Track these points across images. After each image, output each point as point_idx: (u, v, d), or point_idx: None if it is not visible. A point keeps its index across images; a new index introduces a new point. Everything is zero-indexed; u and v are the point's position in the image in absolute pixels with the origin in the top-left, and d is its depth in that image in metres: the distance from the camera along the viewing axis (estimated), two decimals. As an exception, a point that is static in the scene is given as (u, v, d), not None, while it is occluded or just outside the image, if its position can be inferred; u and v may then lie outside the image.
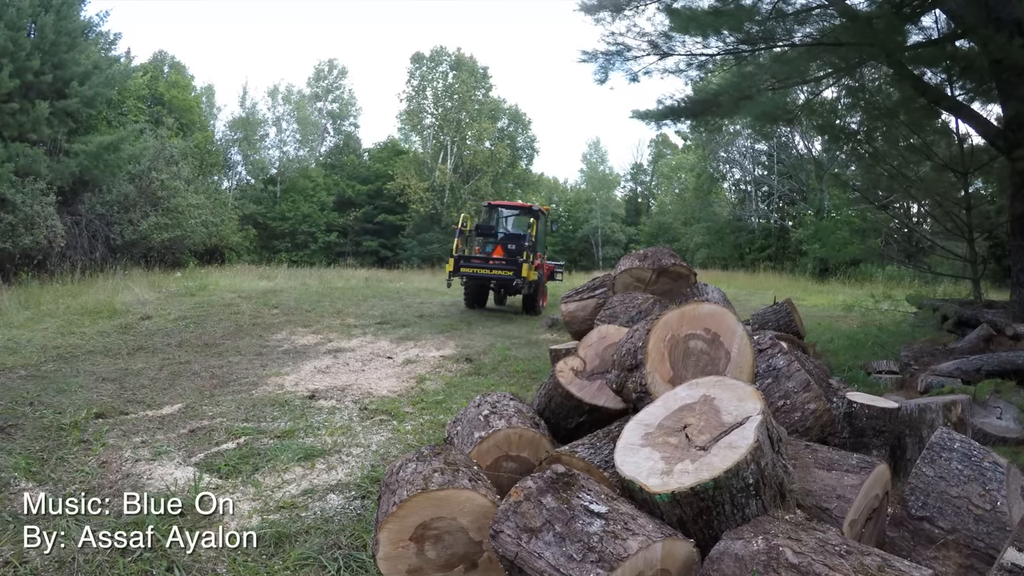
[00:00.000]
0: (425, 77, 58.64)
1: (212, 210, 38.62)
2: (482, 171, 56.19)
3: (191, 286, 21.43)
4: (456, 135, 56.78)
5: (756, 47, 12.69)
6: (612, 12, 13.72)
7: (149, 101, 44.97)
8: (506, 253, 18.89)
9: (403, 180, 54.57)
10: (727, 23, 12.04)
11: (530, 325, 16.73)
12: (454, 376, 10.55)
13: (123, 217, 31.01)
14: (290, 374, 10.42)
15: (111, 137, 29.30)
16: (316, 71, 63.11)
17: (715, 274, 36.95)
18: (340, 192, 56.08)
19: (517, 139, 62.96)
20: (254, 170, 54.11)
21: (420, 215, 54.32)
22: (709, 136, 48.01)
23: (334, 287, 24.68)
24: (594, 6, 13.82)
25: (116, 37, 32.35)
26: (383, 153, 60.53)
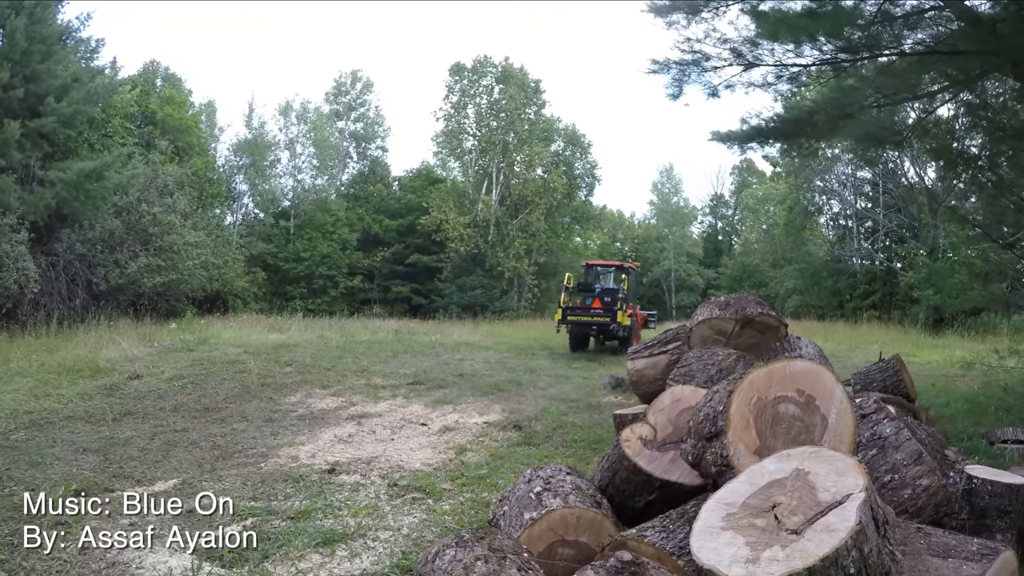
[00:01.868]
0: (466, 92, 59.15)
1: (213, 250, 38.78)
2: (533, 203, 56.26)
3: (189, 340, 21.58)
4: (503, 160, 56.97)
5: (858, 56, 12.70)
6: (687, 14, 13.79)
7: (139, 120, 45.30)
8: (603, 304, 25.99)
9: (440, 214, 54.58)
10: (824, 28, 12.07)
11: (590, 386, 16.71)
12: (500, 446, 10.55)
13: (108, 258, 31.04)
14: (306, 444, 10.48)
15: (94, 163, 29.12)
16: (336, 85, 63.73)
17: (810, 325, 36.58)
18: (365, 228, 56.28)
19: (575, 165, 63.00)
20: (263, 202, 54.41)
21: (460, 256, 54.37)
22: (802, 162, 47.70)
23: (358, 341, 24.75)
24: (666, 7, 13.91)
25: (99, 44, 32.77)
26: (416, 182, 60.75)
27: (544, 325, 41.80)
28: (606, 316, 25.41)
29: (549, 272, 58.96)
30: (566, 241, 64.14)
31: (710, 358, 8.31)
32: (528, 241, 55.81)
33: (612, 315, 25.29)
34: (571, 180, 61.46)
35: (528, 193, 56.54)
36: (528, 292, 56.00)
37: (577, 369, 20.04)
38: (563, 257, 61.37)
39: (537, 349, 26.49)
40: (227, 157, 53.86)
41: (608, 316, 25.36)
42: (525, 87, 58.63)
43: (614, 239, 78.87)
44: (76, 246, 29.80)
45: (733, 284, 61.54)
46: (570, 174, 61.57)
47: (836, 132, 13.57)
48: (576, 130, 64.13)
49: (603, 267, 29.99)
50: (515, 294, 55.30)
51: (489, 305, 52.00)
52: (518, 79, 58.49)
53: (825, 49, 12.68)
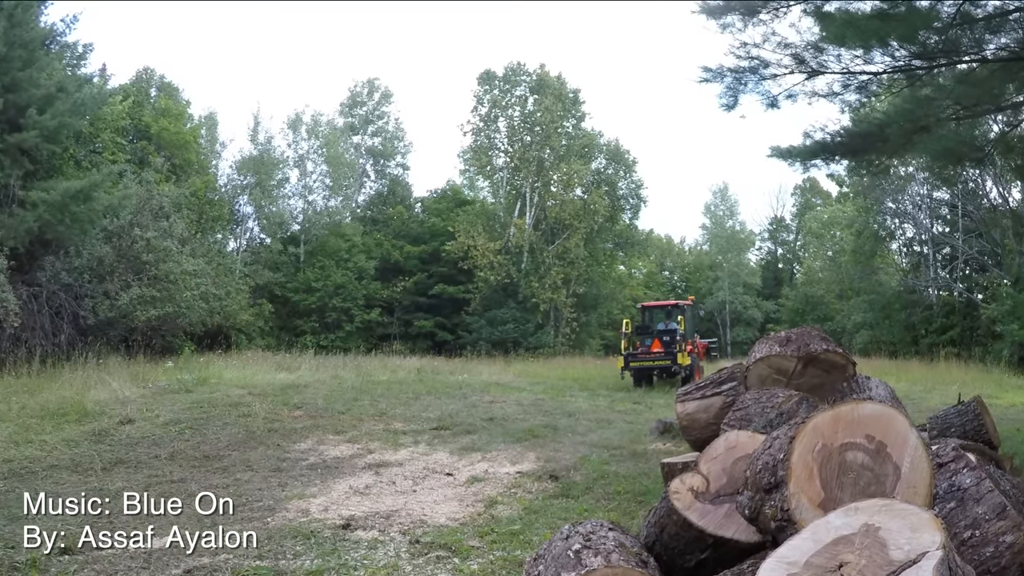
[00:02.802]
0: (497, 103, 59.58)
1: (214, 279, 39.03)
2: (572, 227, 56.40)
3: (187, 380, 21.62)
4: (537, 180, 57.21)
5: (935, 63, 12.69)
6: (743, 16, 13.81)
7: (131, 135, 45.53)
8: (662, 345, 30.58)
9: (467, 239, 54.79)
10: (897, 31, 12.06)
11: (635, 431, 16.68)
12: (534, 499, 10.54)
13: (96, 288, 31.16)
14: (317, 496, 10.50)
15: (80, 182, 29.05)
16: (351, 95, 64.08)
17: (880, 363, 36.36)
18: (384, 255, 56.52)
19: (618, 185, 63.21)
20: (270, 226, 54.71)
21: (490, 286, 54.60)
22: (872, 181, 47.40)
23: (376, 381, 24.79)
24: (719, 7, 13.95)
25: (87, 50, 33.33)
26: (441, 204, 60.95)
27: (583, 363, 41.75)
28: (666, 359, 29.92)
29: (589, 304, 58.94)
30: (608, 269, 64.16)
31: (769, 400, 8.27)
32: (566, 270, 55.83)
33: (672, 357, 29.67)
34: (614, 201, 61.72)
35: (566, 216, 56.75)
36: (566, 326, 56.19)
37: (620, 413, 20.02)
38: (605, 287, 61.38)
39: (576, 390, 26.48)
40: (230, 176, 54.58)
41: (668, 359, 29.85)
42: (563, 97, 58.99)
43: (662, 267, 78.85)
44: (61, 275, 29.84)
45: (795, 317, 61.33)
46: (613, 195, 61.82)
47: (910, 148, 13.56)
48: (619, 146, 64.50)
49: (660, 308, 34.90)
50: (551, 329, 55.41)
51: (522, 341, 52.08)
52: (555, 89, 58.70)
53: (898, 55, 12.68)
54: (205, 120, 54.41)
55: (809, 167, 15.69)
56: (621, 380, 30.89)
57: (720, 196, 78.21)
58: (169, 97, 50.13)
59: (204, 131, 53.50)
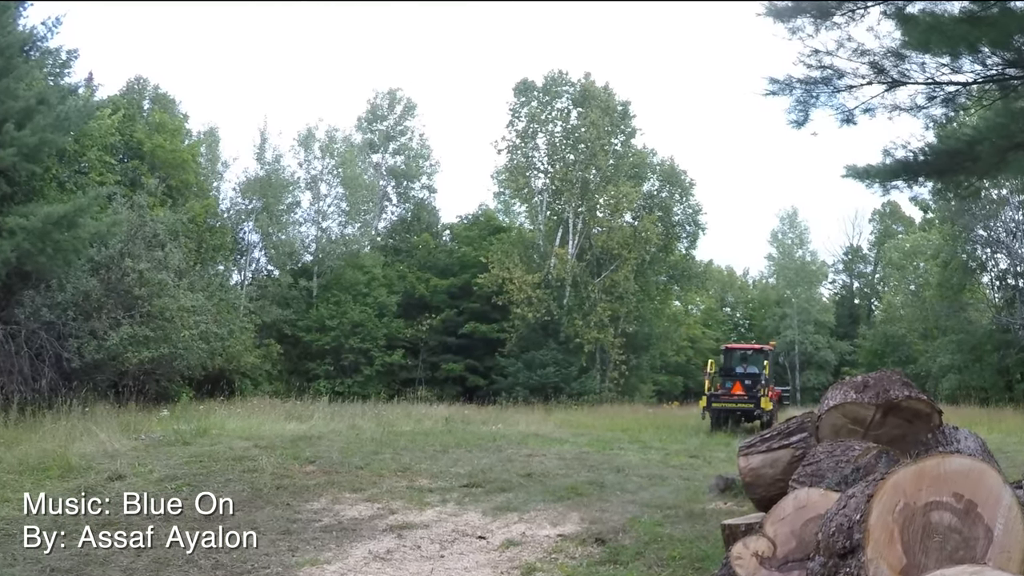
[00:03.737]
0: (536, 117, 59.62)
1: (216, 316, 39.18)
2: (620, 258, 56.44)
3: (185, 430, 21.69)
4: (582, 204, 57.31)
5: (1032, 71, 12.63)
6: (815, 18, 13.81)
7: (121, 153, 45.70)
8: (744, 389, 34.32)
9: (502, 271, 54.70)
10: (988, 36, 12.02)
11: (692, 488, 16.62)
12: (578, 565, 10.52)
13: (82, 327, 31.18)
14: (332, 562, 10.50)
15: (64, 207, 28.66)
16: (370, 108, 64.24)
17: (970, 412, 36.14)
18: (408, 289, 56.77)
19: (673, 210, 63.21)
20: (278, 256, 54.88)
21: (528, 324, 54.46)
22: (961, 205, 47.04)
23: (399, 432, 24.87)
24: (788, 9, 13.95)
25: (72, 57, 33.48)
26: (472, 231, 61.03)
27: (633, 412, 41.68)
28: (750, 402, 33.53)
29: (640, 345, 58.81)
30: (662, 305, 64.12)
31: (844, 454, 8.27)
32: (613, 306, 55.78)
33: (756, 401, 33.32)
34: (668, 228, 61.79)
35: (614, 245, 56.73)
36: (614, 370, 56.21)
37: (676, 467, 19.97)
38: (658, 326, 61.30)
39: (625, 442, 26.39)
40: (233, 199, 54.86)
41: (752, 402, 33.45)
42: (610, 111, 58.95)
43: (722, 303, 78.75)
44: (42, 312, 29.86)
45: (873, 360, 61.01)
46: (667, 221, 61.87)
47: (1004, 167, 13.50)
48: (674, 166, 64.56)
49: (743, 349, 39.13)
50: (597, 373, 55.42)
51: (564, 387, 51.98)
52: (601, 101, 58.60)
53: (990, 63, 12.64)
54: (205, 136, 54.74)
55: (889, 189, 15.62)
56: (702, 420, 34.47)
57: (788, 223, 77.96)
58: (164, 111, 50.24)
59: (204, 149, 53.74)
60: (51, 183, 33.55)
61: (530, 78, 60.72)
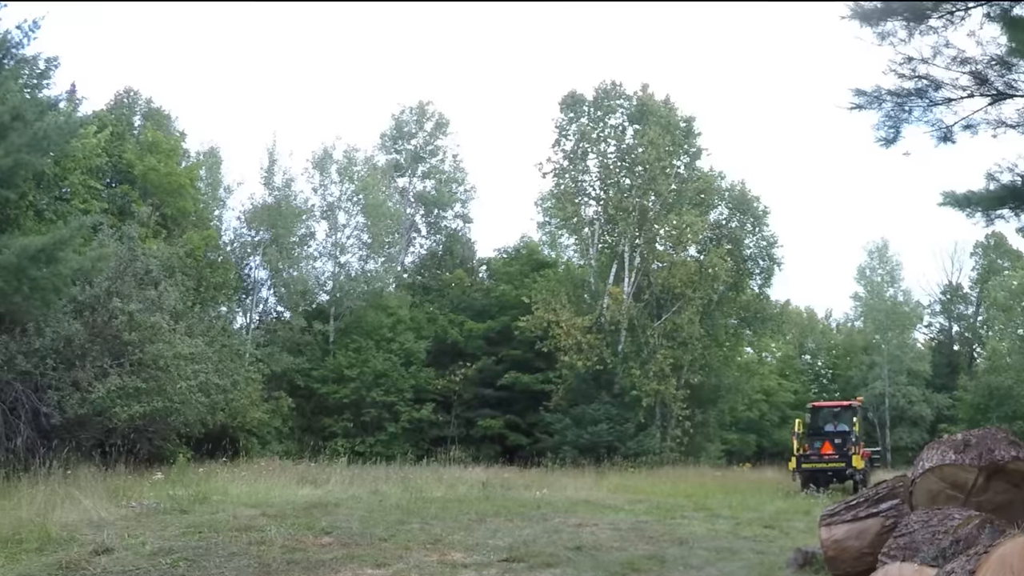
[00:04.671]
0: (586, 136, 59.60)
1: (217, 365, 39.29)
2: (684, 298, 56.41)
3: (182, 496, 21.72)
4: (639, 235, 57.42)
5: None
6: (908, 22, 13.62)
7: (109, 177, 45.99)
8: (834, 448, 37.16)
9: (548, 314, 54.61)
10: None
11: (767, 563, 16.46)
12: (634, 656, 10.41)
13: (64, 377, 31.07)
14: (349, 649, 10.43)
15: (43, 239, 28.50)
16: (395, 124, 64.42)
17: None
18: (439, 334, 57.27)
19: (744, 242, 63.35)
20: (290, 296, 54.90)
21: (577, 374, 54.33)
22: (1076, 239, 47.21)
23: (428, 498, 24.90)
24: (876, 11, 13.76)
25: (51, 66, 33.18)
26: (513, 266, 61.42)
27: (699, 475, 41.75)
28: (841, 461, 36.40)
29: (706, 398, 58.88)
30: (731, 353, 64.23)
31: (941, 523, 8.20)
32: (676, 353, 55.90)
33: (847, 460, 36.15)
34: (739, 264, 62.06)
35: (676, 283, 56.52)
36: (676, 427, 56.40)
37: (747, 539, 19.80)
38: (727, 376, 61.35)
39: (689, 510, 26.36)
40: (237, 230, 55.64)
41: (843, 461, 36.29)
42: (672, 128, 58.99)
43: (801, 349, 78.78)
44: (17, 360, 29.76)
45: (975, 415, 60.93)
46: (737, 255, 62.03)
47: None
48: (746, 191, 64.61)
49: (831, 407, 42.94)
50: (657, 430, 55.49)
51: (619, 446, 52.15)
52: (661, 116, 58.76)
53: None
54: (205, 158, 55.23)
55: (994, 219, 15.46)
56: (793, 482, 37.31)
57: (877, 257, 77.87)
58: (158, 128, 50.35)
59: (204, 172, 54.33)
60: (27, 211, 33.80)
61: (579, 90, 60.84)
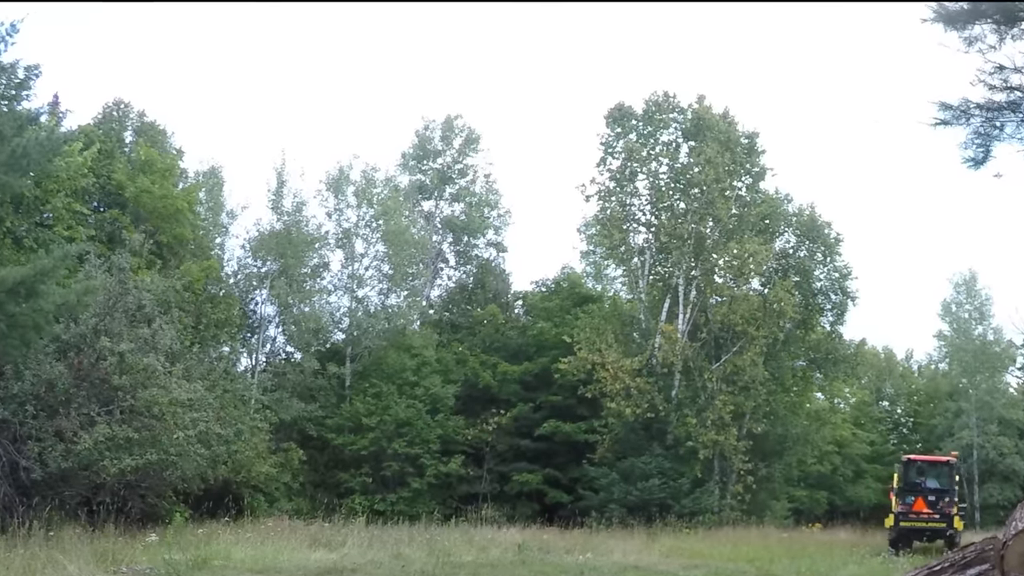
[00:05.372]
0: (635, 154, 59.56)
1: (219, 413, 39.29)
2: (746, 336, 56.39)
3: (179, 561, 21.65)
4: (696, 265, 57.63)
5: None
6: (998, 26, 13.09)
7: (96, 200, 46.33)
8: (927, 505, 39.93)
9: (592, 355, 54.46)
10: None
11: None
12: None
13: (46, 426, 31.02)
14: None
15: (22, 270, 28.67)
16: (419, 140, 64.97)
17: None
18: (469, 378, 57.75)
19: (814, 274, 63.55)
20: (300, 335, 55.09)
21: (626, 423, 54.23)
22: None
23: (457, 563, 24.94)
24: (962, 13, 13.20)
25: (31, 75, 32.92)
26: (552, 301, 62.21)
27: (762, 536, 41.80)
28: (941, 521, 39.03)
29: (771, 450, 59.14)
30: (799, 399, 64.70)
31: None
32: (737, 399, 56.43)
33: (948, 519, 38.71)
34: (808, 299, 62.38)
35: (737, 320, 56.65)
36: (738, 482, 56.64)
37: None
38: (795, 425, 61.74)
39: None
40: (242, 260, 56.22)
41: (943, 521, 38.89)
42: (732, 144, 59.06)
43: (878, 395, 78.81)
44: (-6, 408, 29.74)
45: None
46: (806, 288, 62.37)
47: None
48: (815, 215, 64.39)
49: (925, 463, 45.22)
50: (716, 486, 56.17)
51: (673, 504, 52.52)
52: (720, 131, 58.63)
53: None
54: (205, 178, 55.95)
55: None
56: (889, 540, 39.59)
57: (964, 291, 78.30)
58: (152, 145, 50.48)
59: (203, 195, 54.74)
60: (5, 239, 34.08)
61: (627, 102, 60.72)
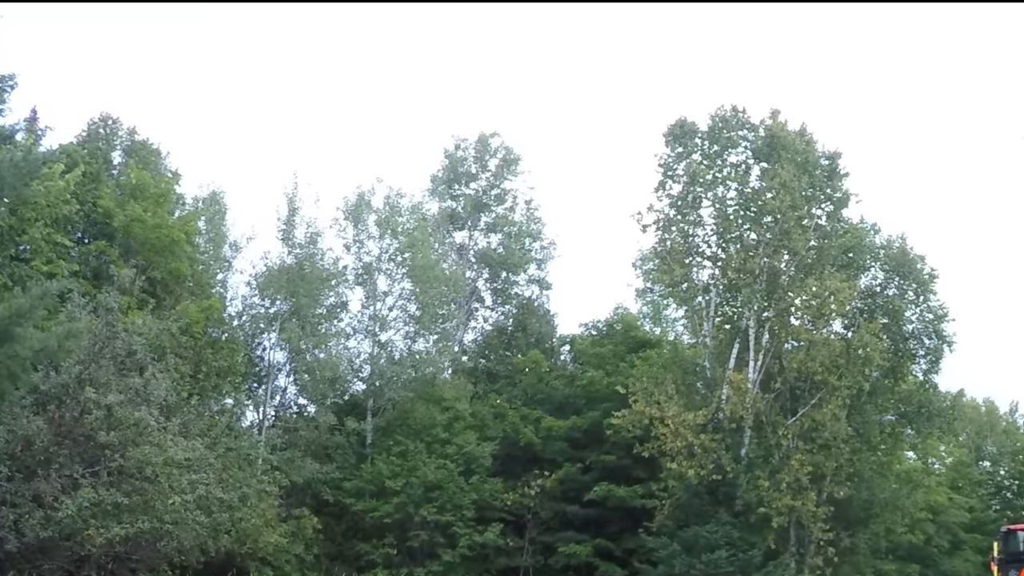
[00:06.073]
0: (698, 177, 58.24)
1: (221, 475, 38.34)
2: (827, 387, 55.00)
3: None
4: (769, 305, 56.63)
5: None
6: None
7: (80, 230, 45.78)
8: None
9: (650, 407, 53.32)
10: None
11: None
12: None
13: (22, 490, 30.51)
14: None
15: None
16: (450, 162, 64.14)
17: None
18: (508, 434, 57.16)
19: (905, 315, 62.00)
20: (315, 385, 53.97)
21: (688, 486, 53.19)
22: None
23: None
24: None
25: (6, 85, 32.96)
26: (604, 347, 61.16)
27: None
28: None
29: (856, 517, 58.96)
30: (888, 458, 63.68)
31: None
32: (816, 459, 55.37)
33: None
34: (898, 343, 60.81)
35: (816, 368, 55.17)
36: (817, 554, 55.32)
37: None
38: (883, 488, 60.80)
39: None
40: (247, 299, 55.34)
41: None
42: (811, 166, 57.79)
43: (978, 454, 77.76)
44: (-37, 468, 29.23)
45: None
46: (896, 331, 60.81)
47: None
48: (907, 248, 62.79)
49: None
50: (792, 558, 55.01)
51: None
52: (797, 152, 57.29)
53: None
54: (205, 205, 55.21)
55: None
56: None
57: (1077, 336, 77.97)
58: (144, 166, 49.61)
59: (203, 224, 53.70)
60: None
61: (690, 117, 59.70)
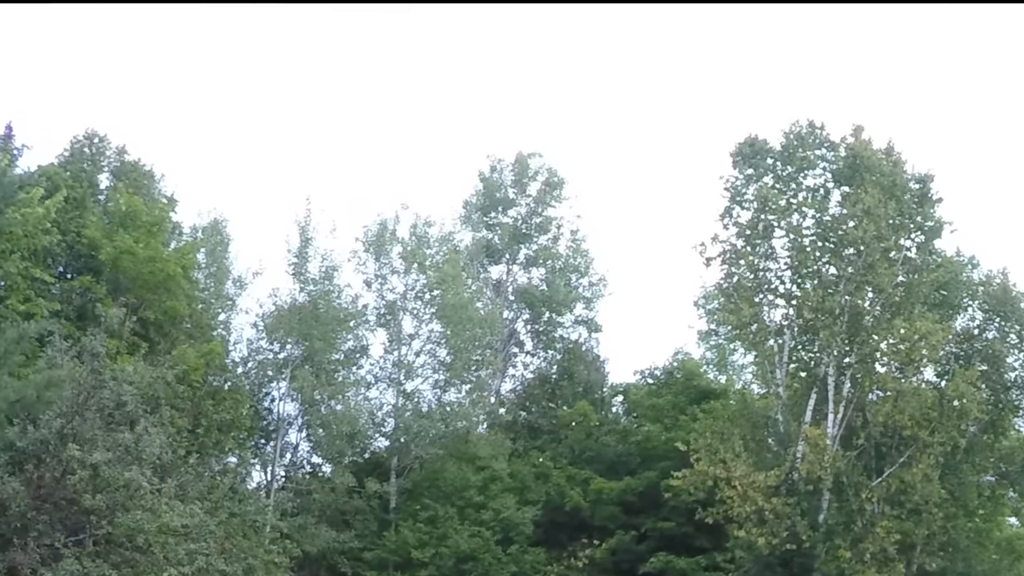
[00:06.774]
0: (770, 203, 57.33)
1: (224, 544, 37.69)
2: (917, 443, 54.15)
3: None
4: (850, 350, 55.77)
5: None
6: None
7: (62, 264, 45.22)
8: None
9: (714, 467, 52.58)
10: None
11: None
12: None
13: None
14: None
15: None
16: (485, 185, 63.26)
17: None
18: (553, 497, 56.46)
19: (1007, 360, 60.87)
20: (330, 441, 53.18)
21: (758, 557, 52.34)
22: None
23: None
24: None
25: (-23, 97, 31.82)
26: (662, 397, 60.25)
27: None
28: None
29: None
30: (987, 524, 62.75)
31: None
32: (905, 525, 54.27)
33: None
34: (998, 393, 59.42)
35: (905, 421, 54.11)
36: None
37: None
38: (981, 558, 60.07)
39: None
40: (253, 343, 54.47)
41: None
42: (898, 190, 56.55)
43: None
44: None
45: None
46: (996, 379, 59.44)
47: None
48: (1008, 284, 61.31)
49: None
50: None
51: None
52: (883, 174, 56.03)
53: None
54: (205, 235, 54.37)
55: None
56: None
57: None
58: (135, 191, 48.76)
59: (203, 256, 52.77)
60: None
61: (761, 135, 58.82)
